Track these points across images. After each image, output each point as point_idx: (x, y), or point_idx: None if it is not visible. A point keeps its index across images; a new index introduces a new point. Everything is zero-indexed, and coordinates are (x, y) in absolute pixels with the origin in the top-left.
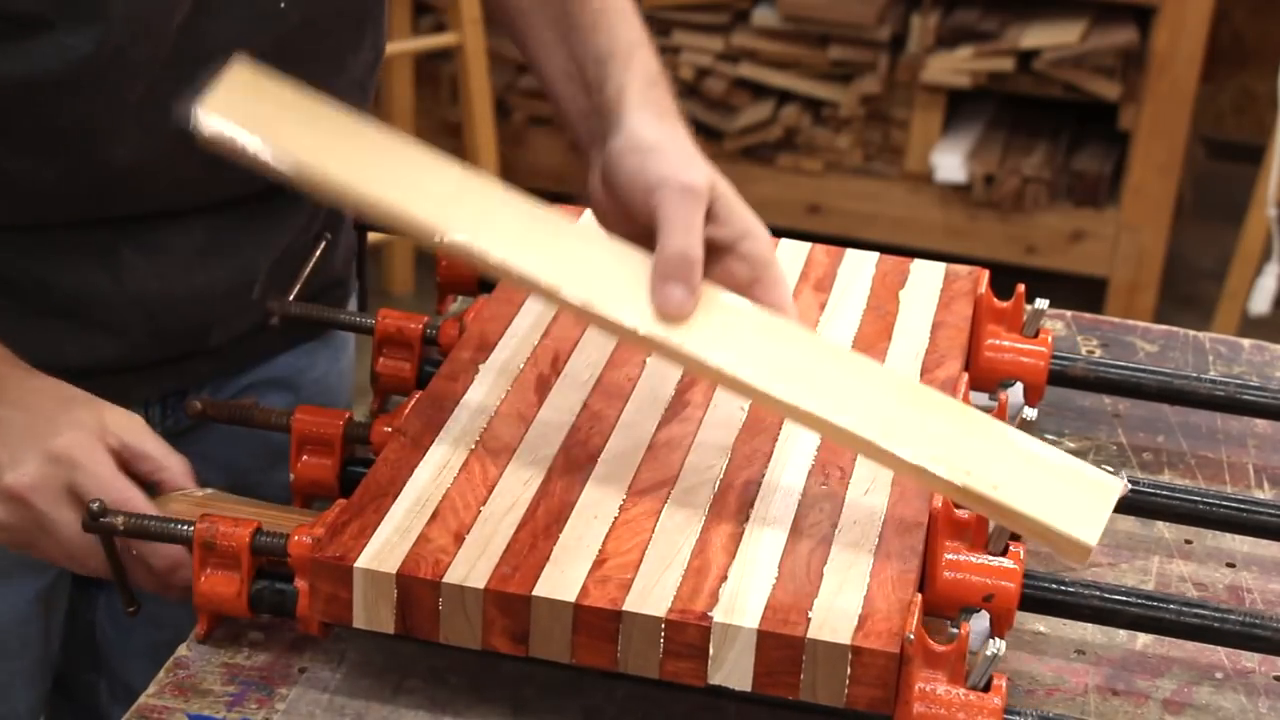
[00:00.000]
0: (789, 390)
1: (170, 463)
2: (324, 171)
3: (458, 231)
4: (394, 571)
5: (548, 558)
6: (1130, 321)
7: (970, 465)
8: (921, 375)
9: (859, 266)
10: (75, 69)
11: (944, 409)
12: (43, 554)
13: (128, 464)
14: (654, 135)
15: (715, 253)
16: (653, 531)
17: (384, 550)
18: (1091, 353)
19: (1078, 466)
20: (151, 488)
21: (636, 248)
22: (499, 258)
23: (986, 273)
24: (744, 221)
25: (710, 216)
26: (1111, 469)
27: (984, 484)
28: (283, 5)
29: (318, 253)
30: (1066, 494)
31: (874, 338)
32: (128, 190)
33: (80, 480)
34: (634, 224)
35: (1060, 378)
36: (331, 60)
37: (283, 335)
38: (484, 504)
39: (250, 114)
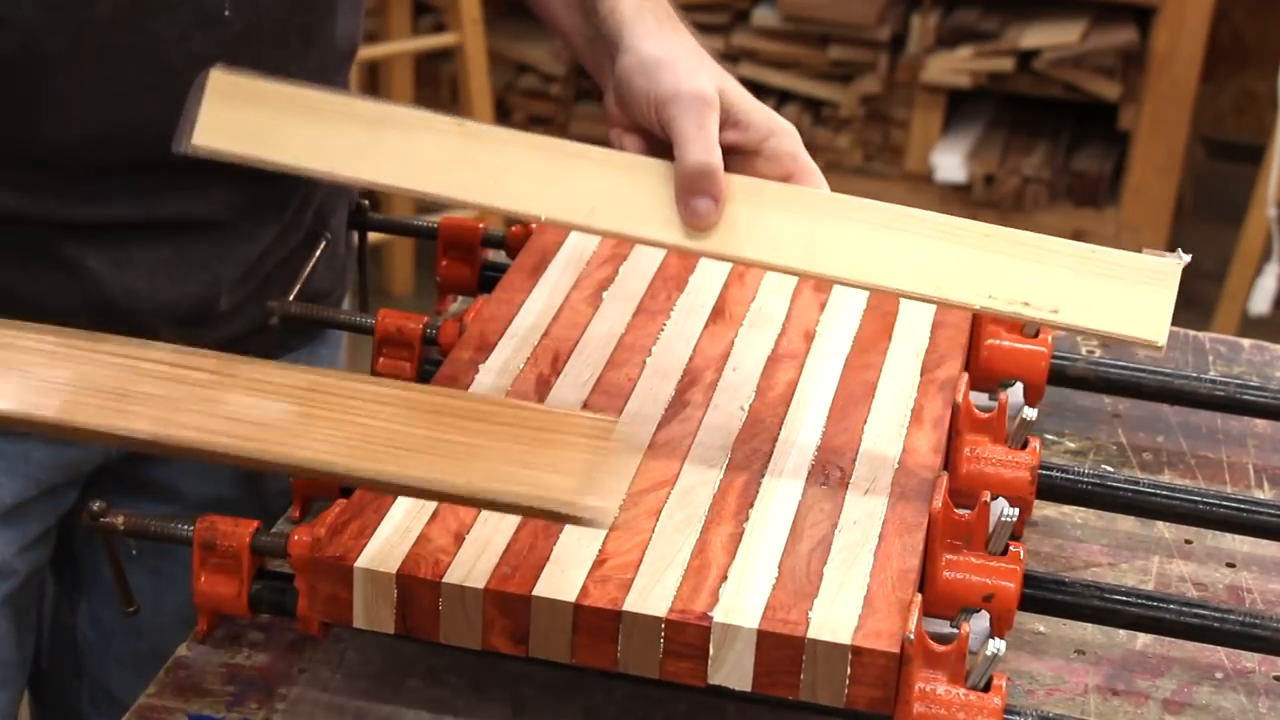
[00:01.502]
0: (833, 265)
1: None
2: (328, 167)
3: (472, 194)
4: (394, 571)
5: (548, 558)
6: None
7: (1025, 294)
8: (921, 375)
9: None
10: (20, 83)
11: (987, 240)
12: None
13: None
14: (656, 49)
15: (741, 157)
16: (653, 531)
17: (384, 550)
18: (1091, 353)
19: (1133, 261)
20: None
21: (657, 161)
22: (526, 210)
23: None
24: (765, 122)
25: (729, 123)
26: (1111, 468)
27: (1043, 310)
28: (227, 13)
29: (318, 253)
30: (1126, 294)
31: (874, 338)
32: (78, 193)
33: None
34: (653, 140)
35: (1060, 378)
36: (276, 69)
37: (259, 347)
38: None
39: (245, 128)
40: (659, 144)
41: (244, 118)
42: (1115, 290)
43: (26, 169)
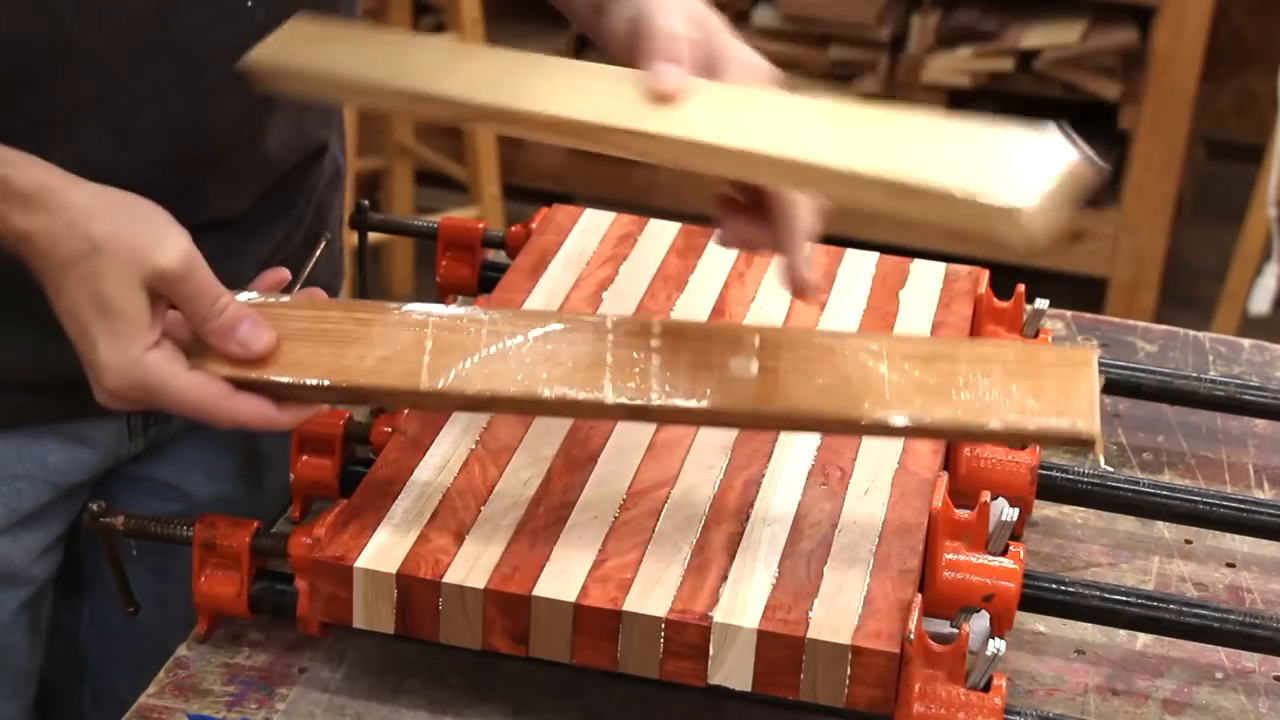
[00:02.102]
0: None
1: (221, 301)
2: (395, 81)
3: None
4: (394, 571)
5: (548, 558)
6: (1130, 321)
7: (891, 159)
8: None
9: (859, 266)
10: (25, 62)
11: (875, 119)
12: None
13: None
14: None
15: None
16: (653, 531)
17: (384, 550)
18: None
19: (1021, 133)
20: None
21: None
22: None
23: (986, 273)
24: (730, 44)
25: (707, 51)
26: (1111, 468)
27: (902, 173)
28: (249, 4)
29: (319, 251)
30: (999, 161)
31: None
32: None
33: (163, 401)
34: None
35: None
36: None
37: None
38: (484, 504)
39: (303, 51)
40: None
41: (302, 44)
42: (990, 156)
43: (57, 163)
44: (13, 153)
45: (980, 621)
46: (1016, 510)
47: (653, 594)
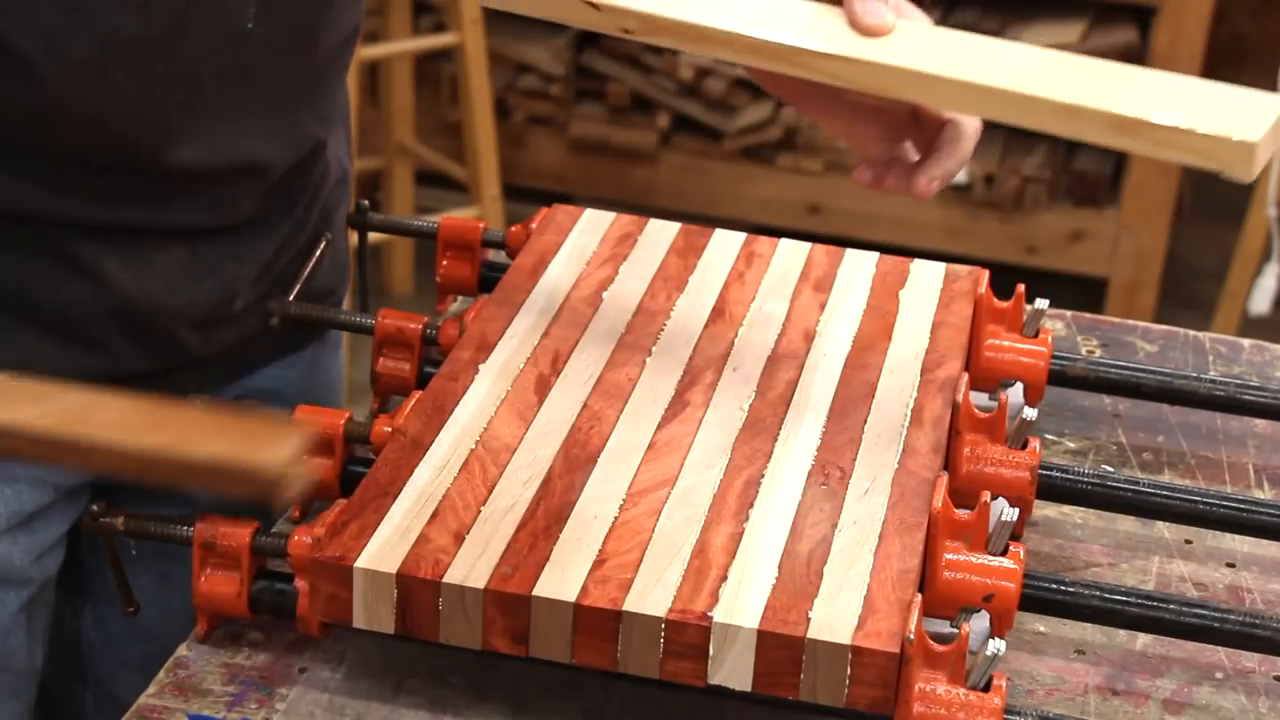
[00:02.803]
0: (988, 75)
1: None
2: None
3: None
4: (394, 571)
5: (548, 558)
6: (1130, 321)
7: (1119, 98)
8: (921, 375)
9: (859, 266)
10: (28, 80)
11: (1088, 65)
12: None
13: None
14: None
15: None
16: (653, 531)
17: (384, 550)
18: (1091, 353)
19: (1233, 89)
20: None
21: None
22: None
23: (986, 273)
24: None
25: None
26: (1111, 468)
27: (1136, 109)
28: (250, 25)
29: (319, 252)
30: (1221, 107)
31: (874, 338)
32: (101, 199)
33: None
34: None
35: (1060, 378)
36: (283, 72)
37: (270, 347)
38: (484, 504)
39: None
40: None
41: None
42: (1212, 100)
43: (56, 170)
44: None
45: (980, 621)
46: (1016, 510)
47: (653, 594)
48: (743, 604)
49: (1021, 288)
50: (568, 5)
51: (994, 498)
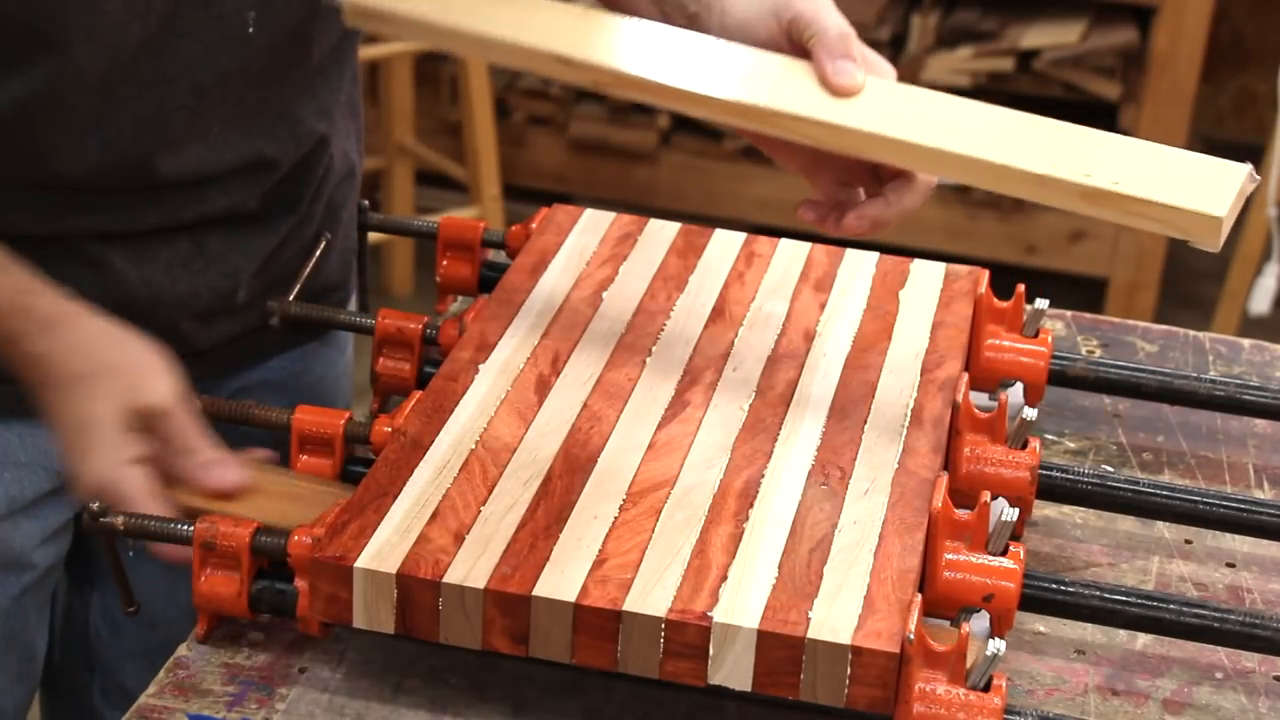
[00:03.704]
0: (944, 142)
1: (198, 445)
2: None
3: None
4: (394, 571)
5: (548, 558)
6: (1130, 321)
7: (1089, 167)
8: (921, 375)
9: (859, 266)
10: (31, 85)
11: (1060, 127)
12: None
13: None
14: None
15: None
16: (653, 531)
17: (384, 550)
18: (1091, 353)
19: (1198, 157)
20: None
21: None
22: (682, 87)
23: (986, 273)
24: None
25: None
26: (1111, 468)
27: (1105, 180)
28: (251, 29)
29: (319, 252)
30: (1188, 178)
31: (874, 338)
32: (97, 203)
33: (120, 503)
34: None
35: (1060, 378)
36: (283, 72)
37: (275, 338)
38: (484, 504)
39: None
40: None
41: None
42: (1180, 173)
43: (59, 193)
44: (34, 280)
45: (980, 621)
46: (1016, 510)
47: (653, 594)
48: (743, 604)
49: (1021, 288)
50: (539, 59)
51: (994, 498)
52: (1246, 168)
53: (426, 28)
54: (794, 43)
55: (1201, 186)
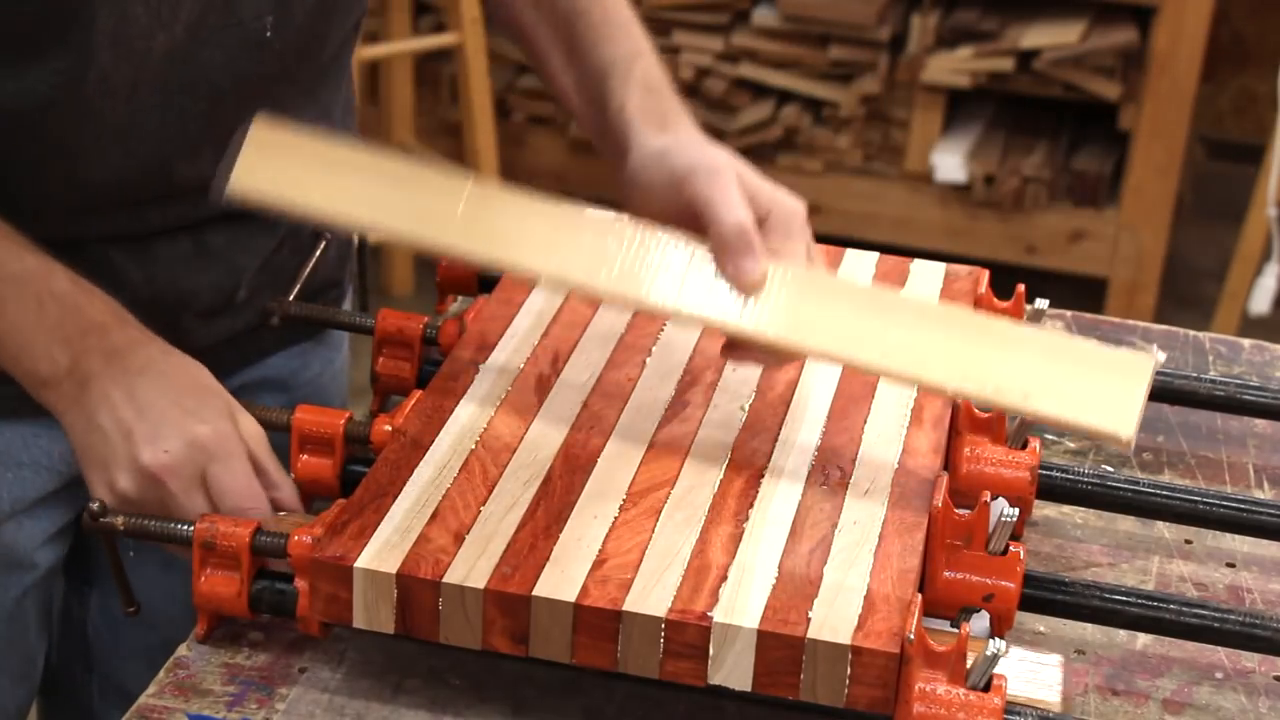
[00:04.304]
0: (821, 342)
1: (284, 483)
2: (351, 216)
3: (516, 260)
4: (394, 571)
5: (548, 558)
6: (1130, 321)
7: (997, 379)
8: None
9: (859, 266)
10: (59, 93)
11: (967, 326)
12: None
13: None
14: (663, 141)
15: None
16: (653, 531)
17: (384, 550)
18: None
19: (1107, 354)
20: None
21: (675, 234)
22: (575, 279)
23: (986, 273)
24: (770, 196)
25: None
26: (1111, 468)
27: (1014, 395)
28: (269, 34)
29: (318, 252)
30: (1097, 386)
31: None
32: (113, 209)
33: (217, 473)
34: (676, 222)
35: None
36: (295, 74)
37: (274, 337)
38: (484, 504)
39: (281, 177)
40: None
41: (277, 167)
42: (1088, 381)
43: (77, 200)
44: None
45: (980, 621)
46: (1016, 510)
47: (653, 594)
48: (743, 604)
49: (1021, 288)
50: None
51: (994, 498)
52: (1154, 357)
53: (312, 213)
54: (693, 217)
55: (1111, 396)
